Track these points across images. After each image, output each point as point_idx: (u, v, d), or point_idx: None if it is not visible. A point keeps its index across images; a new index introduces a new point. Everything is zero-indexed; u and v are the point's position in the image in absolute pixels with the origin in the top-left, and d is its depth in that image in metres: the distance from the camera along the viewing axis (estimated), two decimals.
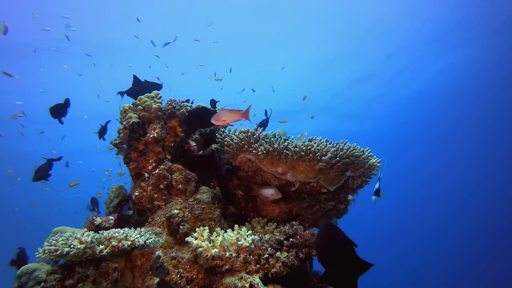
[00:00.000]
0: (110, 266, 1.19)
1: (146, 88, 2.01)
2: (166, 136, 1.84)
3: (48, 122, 2.13)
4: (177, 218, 1.48)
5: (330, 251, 0.91)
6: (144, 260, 1.32)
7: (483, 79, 10.43)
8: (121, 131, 1.79)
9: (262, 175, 1.62)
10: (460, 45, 8.83)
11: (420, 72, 10.10)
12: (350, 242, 0.89)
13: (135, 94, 1.96)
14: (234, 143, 1.67)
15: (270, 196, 1.53)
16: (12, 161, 10.75)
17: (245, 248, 1.27)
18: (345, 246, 0.89)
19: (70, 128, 7.56)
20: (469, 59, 9.40)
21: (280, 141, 1.58)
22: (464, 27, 8.14)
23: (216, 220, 1.59)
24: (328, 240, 0.92)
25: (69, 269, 1.20)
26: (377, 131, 13.39)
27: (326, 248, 0.93)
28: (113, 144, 2.11)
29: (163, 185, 1.66)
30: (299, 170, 1.54)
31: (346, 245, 0.89)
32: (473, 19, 7.83)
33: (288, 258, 1.34)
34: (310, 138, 1.79)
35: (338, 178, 1.55)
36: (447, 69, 9.99)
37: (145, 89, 1.99)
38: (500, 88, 10.80)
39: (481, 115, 12.43)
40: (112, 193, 2.05)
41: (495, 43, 8.65)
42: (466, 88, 10.97)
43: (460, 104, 11.94)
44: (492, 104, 11.66)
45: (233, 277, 1.23)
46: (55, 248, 1.11)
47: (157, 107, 1.82)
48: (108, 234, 1.21)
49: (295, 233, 1.44)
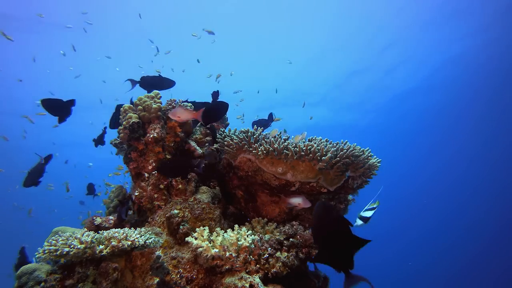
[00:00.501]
0: (110, 266, 1.19)
1: (160, 82, 1.97)
2: (166, 136, 1.84)
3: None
4: (177, 218, 1.48)
5: (325, 229, 0.90)
6: (144, 260, 1.32)
7: (486, 71, 10.15)
8: (121, 131, 1.79)
9: (262, 175, 1.62)
10: (465, 36, 8.61)
11: (419, 64, 9.95)
12: (344, 221, 0.88)
13: (148, 86, 1.93)
14: (234, 143, 1.67)
15: (297, 205, 1.48)
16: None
17: (245, 248, 1.27)
18: (340, 225, 0.88)
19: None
20: (471, 50, 9.17)
21: (280, 141, 1.58)
22: (465, 16, 7.97)
23: (216, 220, 1.59)
24: (322, 219, 0.91)
25: (69, 269, 1.20)
26: (377, 124, 13.21)
27: (320, 227, 0.92)
28: (113, 144, 2.11)
29: (163, 185, 1.66)
30: (299, 170, 1.54)
31: (341, 223, 0.88)
32: (473, 8, 7.68)
33: (288, 258, 1.34)
34: (310, 138, 1.79)
35: (338, 178, 1.55)
36: (448, 61, 9.79)
37: (159, 83, 1.96)
38: (501, 84, 10.65)
39: (483, 108, 12.23)
40: (112, 193, 2.05)
41: (497, 32, 8.42)
42: (467, 81, 10.77)
43: (463, 97, 11.71)
44: (493, 99, 11.48)
45: (233, 277, 1.23)
46: (55, 248, 1.11)
47: (157, 107, 1.82)
48: (108, 234, 1.21)
49: (295, 233, 1.44)
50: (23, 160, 8.60)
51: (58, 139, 10.46)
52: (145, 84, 1.97)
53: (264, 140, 1.64)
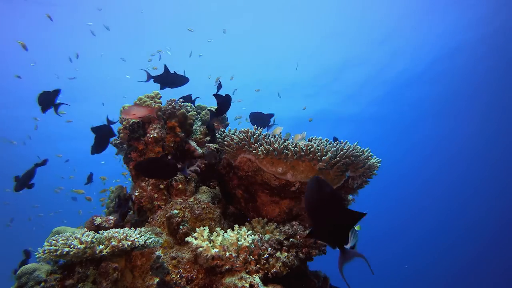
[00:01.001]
0: (110, 266, 1.19)
1: (175, 79, 1.96)
2: (166, 136, 1.84)
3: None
4: (177, 218, 1.48)
5: (318, 205, 0.88)
6: (144, 260, 1.32)
7: (486, 65, 9.84)
8: (121, 131, 1.79)
9: (262, 175, 1.62)
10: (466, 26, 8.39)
11: (416, 55, 9.82)
12: (339, 195, 0.86)
13: (163, 82, 1.92)
14: (234, 143, 1.67)
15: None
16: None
17: (245, 248, 1.27)
18: (334, 199, 0.85)
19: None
20: (471, 42, 8.94)
21: (280, 141, 1.58)
22: (466, 8, 7.88)
23: (216, 220, 1.59)
24: (315, 194, 0.88)
25: (69, 269, 1.20)
26: (376, 115, 12.99)
27: (314, 202, 0.90)
28: (113, 144, 2.11)
29: (163, 185, 1.66)
30: (299, 170, 1.54)
31: (335, 198, 0.85)
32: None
33: (288, 258, 1.34)
34: (310, 138, 1.79)
35: (338, 178, 1.55)
36: (446, 55, 9.67)
37: (173, 80, 1.95)
38: (502, 79, 10.49)
39: (483, 108, 12.05)
40: (112, 193, 2.05)
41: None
42: (466, 76, 10.59)
43: (464, 92, 11.47)
44: (494, 95, 11.27)
45: (233, 277, 1.23)
46: (55, 248, 1.11)
47: (157, 107, 1.82)
48: (108, 234, 1.21)
49: (295, 233, 1.44)
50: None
51: (67, 133, 10.40)
52: (159, 81, 1.95)
53: (264, 140, 1.64)
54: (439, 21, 8.56)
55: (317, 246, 1.42)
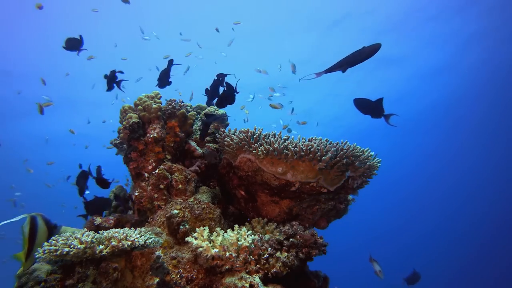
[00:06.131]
0: (110, 266, 1.19)
1: (166, 73, 1.89)
2: (166, 136, 1.84)
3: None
4: (177, 218, 1.48)
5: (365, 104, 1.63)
6: (144, 260, 1.32)
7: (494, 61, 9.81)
8: (121, 131, 1.79)
9: (262, 175, 1.62)
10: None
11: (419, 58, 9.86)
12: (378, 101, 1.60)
13: (163, 82, 1.88)
14: (234, 143, 1.67)
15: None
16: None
17: (245, 248, 1.27)
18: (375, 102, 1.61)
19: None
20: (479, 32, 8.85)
21: (280, 141, 1.58)
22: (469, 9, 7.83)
23: (216, 220, 1.59)
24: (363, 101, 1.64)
25: (69, 269, 1.20)
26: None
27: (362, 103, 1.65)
28: (113, 144, 2.11)
29: (163, 185, 1.66)
30: (299, 170, 1.54)
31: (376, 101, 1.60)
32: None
33: (288, 258, 1.34)
34: (310, 138, 1.79)
35: (338, 178, 1.55)
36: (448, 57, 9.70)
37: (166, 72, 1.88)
38: (503, 82, 10.49)
39: (484, 109, 12.05)
40: (112, 193, 2.05)
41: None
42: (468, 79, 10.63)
43: (468, 93, 11.52)
44: (495, 98, 11.29)
45: (233, 277, 1.23)
46: (55, 248, 1.11)
47: (157, 107, 1.82)
48: (108, 234, 1.21)
49: (295, 233, 1.44)
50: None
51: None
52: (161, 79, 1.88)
53: (264, 140, 1.64)
54: (439, 28, 8.59)
55: (317, 246, 1.42)
